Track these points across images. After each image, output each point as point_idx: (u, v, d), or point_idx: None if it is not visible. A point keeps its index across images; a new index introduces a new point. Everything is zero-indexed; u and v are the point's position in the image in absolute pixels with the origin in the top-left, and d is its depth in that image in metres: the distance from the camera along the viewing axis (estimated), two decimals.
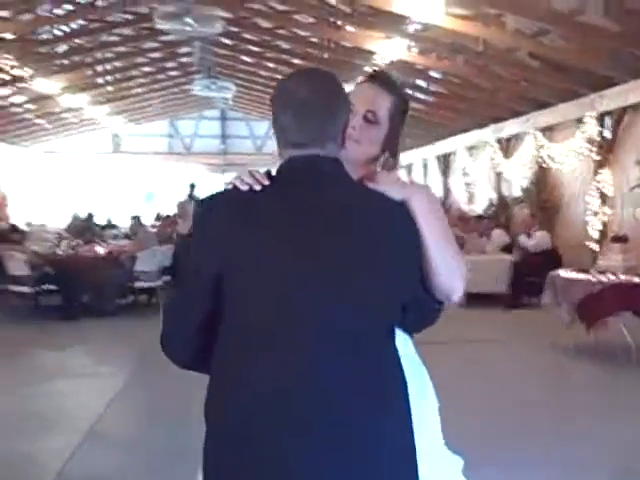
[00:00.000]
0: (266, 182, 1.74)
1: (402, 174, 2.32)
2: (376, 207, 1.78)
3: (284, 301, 1.66)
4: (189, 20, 11.96)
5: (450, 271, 1.86)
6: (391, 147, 2.10)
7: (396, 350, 1.77)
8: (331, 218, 1.71)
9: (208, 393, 1.73)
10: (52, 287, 10.03)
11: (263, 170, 1.78)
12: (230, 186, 1.78)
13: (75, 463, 4.67)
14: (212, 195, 1.82)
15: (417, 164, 22.61)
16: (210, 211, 1.77)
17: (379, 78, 2.15)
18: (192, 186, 15.96)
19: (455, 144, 18.33)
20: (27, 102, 18.04)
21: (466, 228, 13.25)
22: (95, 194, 24.87)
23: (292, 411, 1.61)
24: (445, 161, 19.82)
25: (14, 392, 6.41)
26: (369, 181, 1.92)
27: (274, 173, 1.78)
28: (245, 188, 1.73)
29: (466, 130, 16.88)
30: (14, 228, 14.90)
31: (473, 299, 8.56)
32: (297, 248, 1.68)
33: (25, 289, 9.98)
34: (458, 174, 18.82)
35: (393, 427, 1.69)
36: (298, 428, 1.60)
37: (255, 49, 16.60)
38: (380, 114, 2.07)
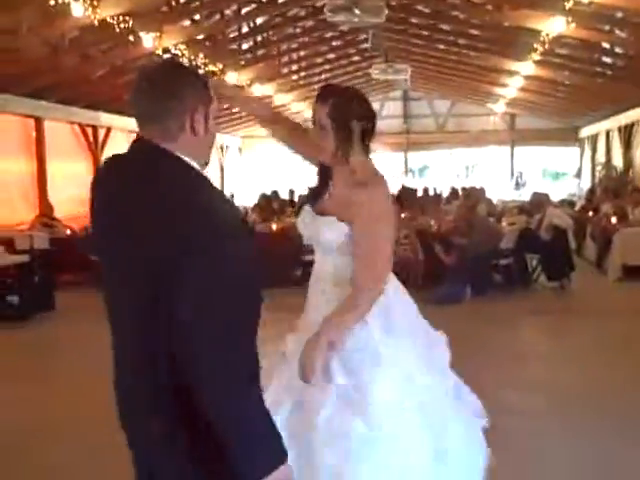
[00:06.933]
0: None
1: (363, 161, 2.74)
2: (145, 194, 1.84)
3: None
4: (357, 11, 12.80)
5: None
6: (342, 142, 2.69)
7: None
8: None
9: None
10: None
11: None
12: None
13: None
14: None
15: (601, 135, 22.19)
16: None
17: (318, 95, 2.75)
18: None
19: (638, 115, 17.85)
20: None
21: None
22: (287, 174, 26.38)
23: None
24: (627, 133, 19.28)
25: None
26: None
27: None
28: None
29: None
30: None
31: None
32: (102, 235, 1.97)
33: None
34: None
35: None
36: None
37: (423, 32, 17.18)
38: (322, 122, 2.70)
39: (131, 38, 12.26)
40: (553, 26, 12.42)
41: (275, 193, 16.92)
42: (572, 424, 5.09)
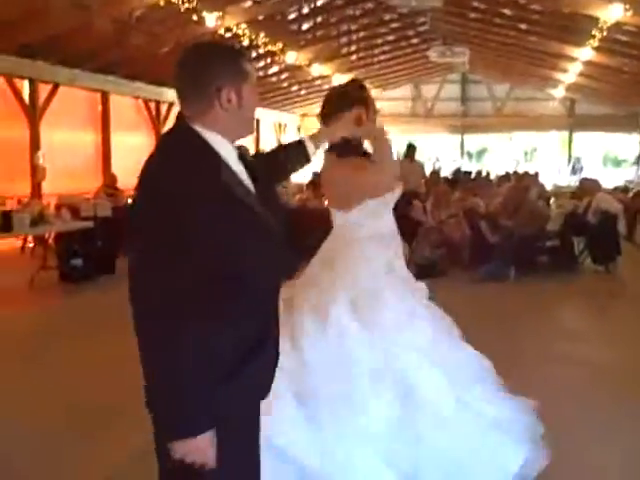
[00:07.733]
0: None
1: None
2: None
3: None
4: None
5: None
6: None
7: None
8: None
9: None
10: None
11: None
12: None
13: None
14: None
15: None
16: None
17: None
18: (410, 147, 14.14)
19: None
20: (280, 72, 20.19)
21: None
22: None
23: None
24: None
25: None
26: None
27: None
28: None
29: None
30: None
31: None
32: None
33: None
34: None
35: None
36: None
37: (482, 16, 17.24)
38: None
39: (195, 17, 12.71)
40: (611, 13, 12.48)
41: None
42: (617, 397, 5.19)
